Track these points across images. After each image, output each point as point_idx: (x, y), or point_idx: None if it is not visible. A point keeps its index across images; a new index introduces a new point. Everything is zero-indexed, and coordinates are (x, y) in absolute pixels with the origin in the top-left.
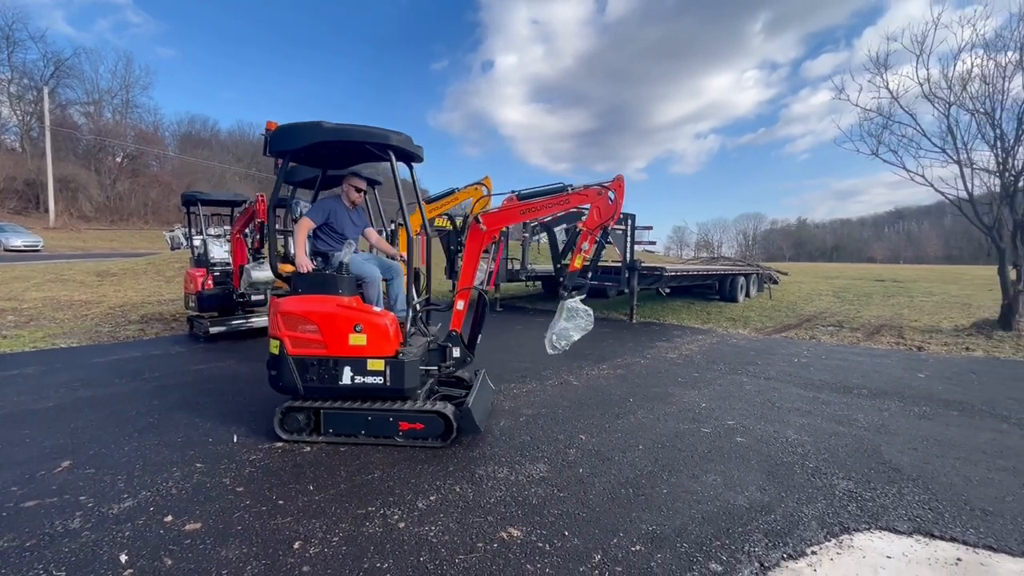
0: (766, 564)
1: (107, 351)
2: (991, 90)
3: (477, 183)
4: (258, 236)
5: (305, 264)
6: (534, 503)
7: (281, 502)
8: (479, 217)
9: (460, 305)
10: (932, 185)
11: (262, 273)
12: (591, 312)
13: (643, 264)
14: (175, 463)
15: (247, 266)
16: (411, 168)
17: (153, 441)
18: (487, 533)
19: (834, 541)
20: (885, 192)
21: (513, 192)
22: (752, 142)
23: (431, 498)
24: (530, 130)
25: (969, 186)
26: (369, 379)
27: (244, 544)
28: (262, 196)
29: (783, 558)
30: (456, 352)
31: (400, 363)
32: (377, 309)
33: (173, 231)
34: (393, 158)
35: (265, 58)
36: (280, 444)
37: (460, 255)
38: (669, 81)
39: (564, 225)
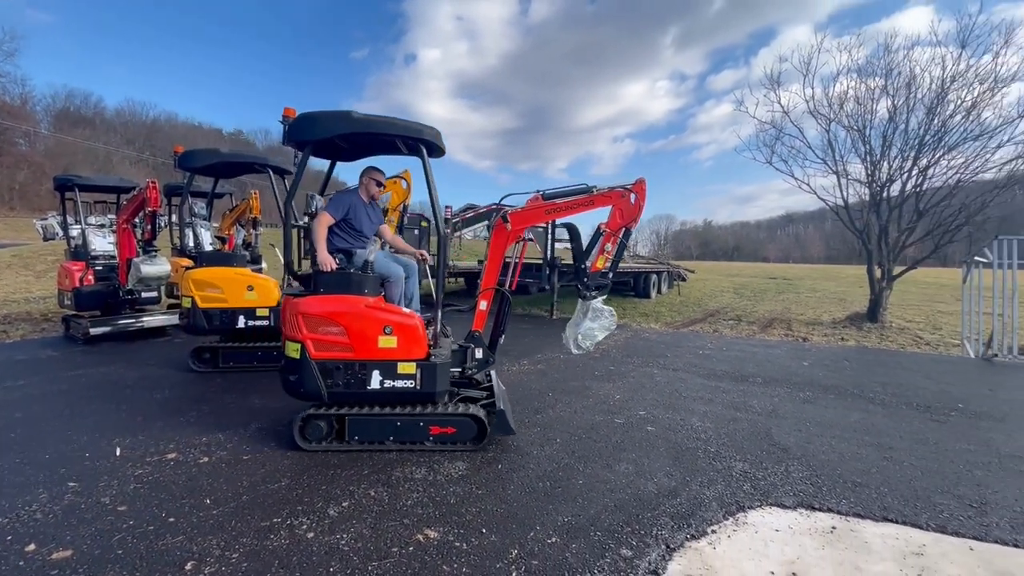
0: (672, 546)
1: None
2: (862, 110)
3: (397, 176)
4: (149, 227)
5: (328, 262)
6: (452, 503)
7: (172, 520)
8: (507, 216)
9: (483, 305)
10: (815, 193)
11: (153, 267)
12: (613, 311)
13: (563, 262)
14: (41, 484)
15: (136, 260)
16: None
17: (13, 460)
18: (402, 537)
19: (731, 519)
20: (778, 198)
21: (538, 191)
22: (664, 148)
23: (343, 504)
24: (454, 126)
25: (845, 194)
26: (400, 383)
27: (125, 570)
28: (154, 182)
29: (687, 539)
30: (479, 353)
31: (432, 366)
32: (405, 310)
33: (46, 219)
34: (425, 153)
35: (162, 35)
36: (172, 456)
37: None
38: (588, 85)
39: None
